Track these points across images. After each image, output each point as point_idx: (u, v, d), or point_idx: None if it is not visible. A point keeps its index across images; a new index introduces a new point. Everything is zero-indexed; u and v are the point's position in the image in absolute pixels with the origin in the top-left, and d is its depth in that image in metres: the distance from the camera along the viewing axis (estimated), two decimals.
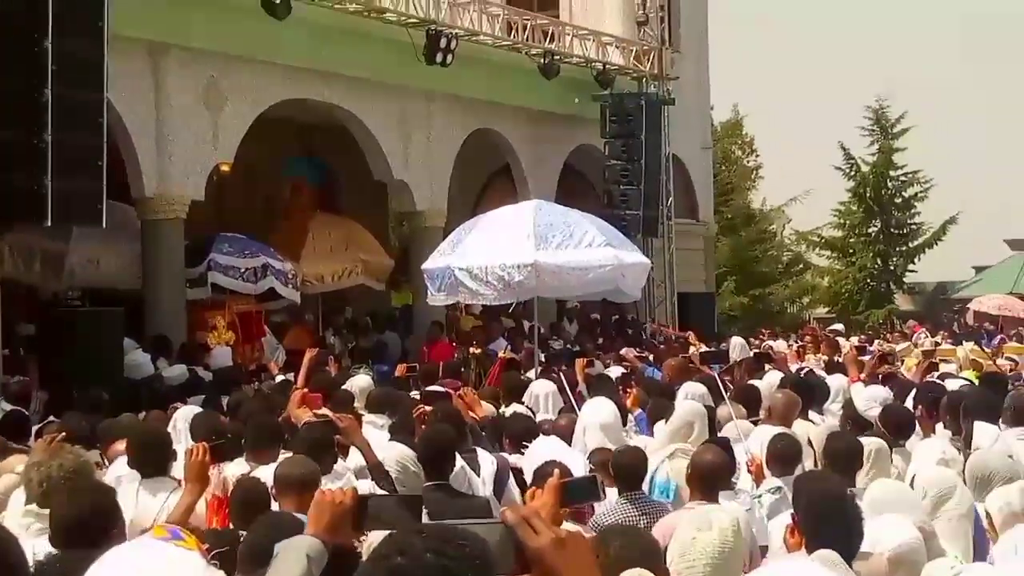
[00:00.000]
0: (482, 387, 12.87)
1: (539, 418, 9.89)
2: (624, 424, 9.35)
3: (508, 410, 10.23)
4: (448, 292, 13.92)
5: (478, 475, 7.24)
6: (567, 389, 10.90)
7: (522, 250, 13.24)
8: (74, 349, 13.91)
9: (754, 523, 6.21)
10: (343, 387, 10.91)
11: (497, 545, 2.22)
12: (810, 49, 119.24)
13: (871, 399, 10.43)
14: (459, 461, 6.91)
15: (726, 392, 10.05)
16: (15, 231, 15.35)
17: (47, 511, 4.38)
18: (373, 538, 4.19)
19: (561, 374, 12.04)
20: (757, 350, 18.36)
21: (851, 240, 44.76)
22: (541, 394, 10.91)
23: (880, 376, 12.40)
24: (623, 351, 18.51)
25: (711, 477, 6.29)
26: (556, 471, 4.89)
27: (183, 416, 9.02)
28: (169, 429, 8.68)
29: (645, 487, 7.04)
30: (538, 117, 23.83)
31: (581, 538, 2.31)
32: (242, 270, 17.58)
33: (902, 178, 44.30)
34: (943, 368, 14.16)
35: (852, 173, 44.32)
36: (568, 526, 4.78)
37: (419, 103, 20.98)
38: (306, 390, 9.42)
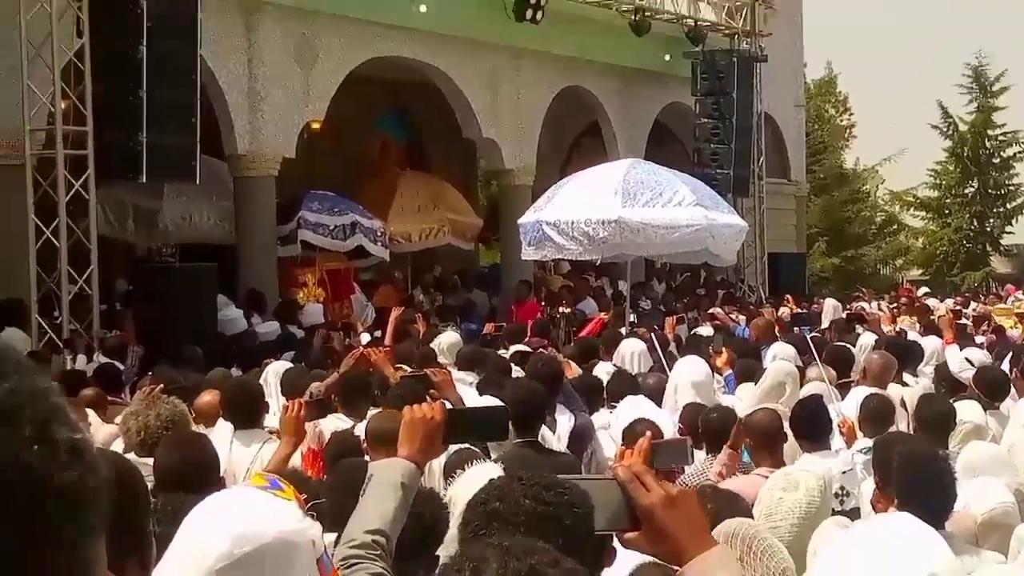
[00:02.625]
0: (567, 346, 12.83)
1: None
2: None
3: (601, 367, 10.20)
4: (536, 247, 13.97)
5: (553, 432, 7.22)
6: (658, 348, 10.84)
7: (608, 206, 13.19)
8: (168, 304, 14.11)
9: (855, 483, 6.13)
10: (429, 344, 11.00)
11: (610, 501, 2.21)
12: (908, 4, 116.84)
13: (966, 361, 10.28)
14: None
15: (815, 353, 9.93)
16: (109, 188, 15.59)
17: (146, 460, 4.47)
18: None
19: (652, 333, 12.00)
20: (849, 311, 18.17)
21: (947, 201, 43.94)
22: (628, 353, 10.86)
23: (988, 332, 12.19)
24: (713, 310, 18.40)
25: (767, 437, 6.19)
26: (648, 432, 4.87)
27: (274, 371, 9.14)
28: (260, 382, 8.81)
29: None
30: (628, 74, 23.65)
31: (692, 496, 2.29)
32: (331, 227, 17.72)
33: (1001, 138, 43.34)
34: None
35: (949, 132, 43.45)
36: None
37: (509, 60, 20.92)
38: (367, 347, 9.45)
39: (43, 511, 1.11)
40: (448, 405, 3.67)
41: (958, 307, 18.94)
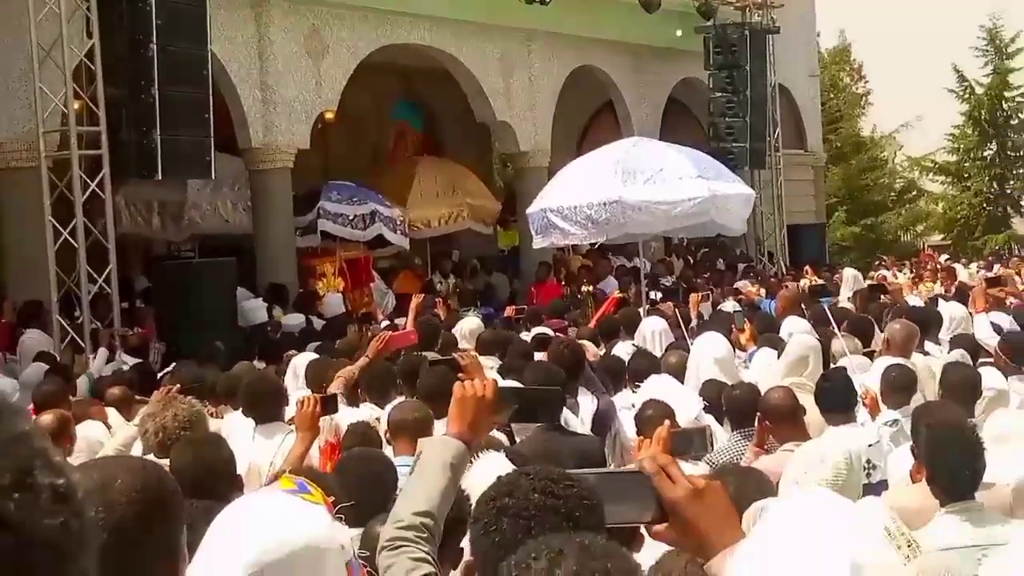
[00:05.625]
0: (584, 327, 12.75)
1: None
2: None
3: (621, 346, 10.15)
4: (543, 234, 13.87)
5: (576, 415, 7.20)
6: (681, 325, 10.78)
7: (608, 188, 13.08)
8: (188, 300, 14.15)
9: (881, 455, 6.09)
10: (451, 330, 10.96)
11: (637, 493, 2.18)
12: None
13: (992, 327, 10.20)
14: None
15: (835, 325, 9.82)
16: (132, 185, 15.63)
17: (164, 461, 4.47)
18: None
19: (677, 310, 11.95)
20: (871, 281, 18.04)
21: (966, 164, 43.61)
22: (649, 332, 10.80)
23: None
24: (739, 284, 18.31)
25: (784, 415, 6.13)
26: (666, 421, 4.84)
27: (300, 363, 9.12)
28: (288, 376, 8.82)
29: None
30: (640, 52, 23.56)
31: (718, 487, 2.25)
32: (351, 217, 17.72)
33: (1018, 99, 42.97)
34: None
35: (966, 96, 43.12)
36: (683, 465, 4.74)
37: (519, 43, 20.86)
38: (391, 331, 9.36)
39: (28, 563, 1.05)
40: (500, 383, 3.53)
41: (999, 275, 18.41)
